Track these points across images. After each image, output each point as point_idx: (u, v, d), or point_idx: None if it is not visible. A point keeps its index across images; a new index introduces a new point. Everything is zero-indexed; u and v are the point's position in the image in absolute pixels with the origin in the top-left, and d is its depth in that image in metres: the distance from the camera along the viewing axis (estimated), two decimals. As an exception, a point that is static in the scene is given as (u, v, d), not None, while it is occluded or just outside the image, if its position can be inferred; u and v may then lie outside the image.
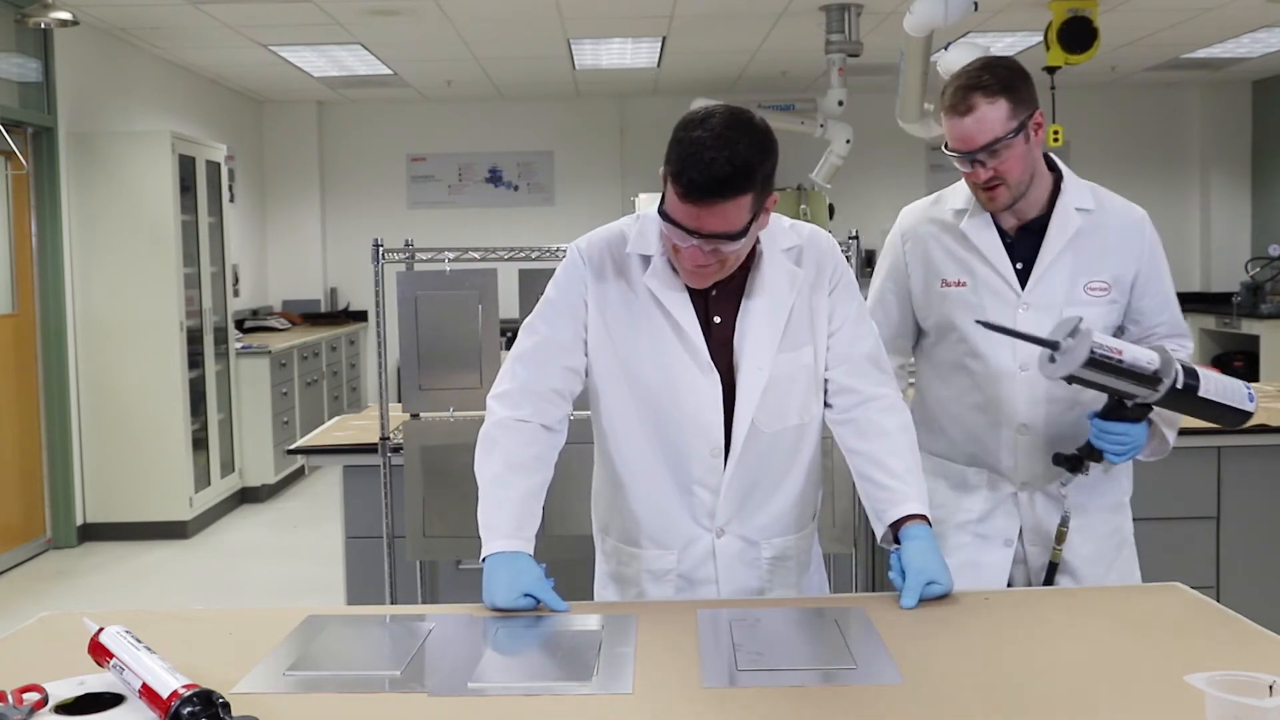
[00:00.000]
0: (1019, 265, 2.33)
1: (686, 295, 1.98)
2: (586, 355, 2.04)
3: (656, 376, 1.99)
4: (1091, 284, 2.33)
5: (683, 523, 2.05)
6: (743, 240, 1.85)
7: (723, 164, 1.77)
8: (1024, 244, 2.34)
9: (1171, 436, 2.36)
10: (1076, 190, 2.36)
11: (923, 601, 1.89)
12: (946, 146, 2.28)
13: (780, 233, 2.03)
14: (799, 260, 2.03)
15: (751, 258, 1.99)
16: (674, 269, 1.97)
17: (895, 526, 2.00)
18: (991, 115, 2.20)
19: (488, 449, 2.03)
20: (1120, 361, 2.08)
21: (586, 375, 2.06)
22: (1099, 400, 2.27)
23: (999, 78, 2.22)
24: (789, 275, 2.01)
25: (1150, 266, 2.39)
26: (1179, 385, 2.11)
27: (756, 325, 1.99)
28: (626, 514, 2.09)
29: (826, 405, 2.11)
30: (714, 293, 1.99)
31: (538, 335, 2.05)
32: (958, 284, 2.38)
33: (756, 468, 2.04)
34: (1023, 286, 2.32)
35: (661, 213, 1.86)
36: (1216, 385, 2.15)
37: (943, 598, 1.92)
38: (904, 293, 2.48)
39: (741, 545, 2.06)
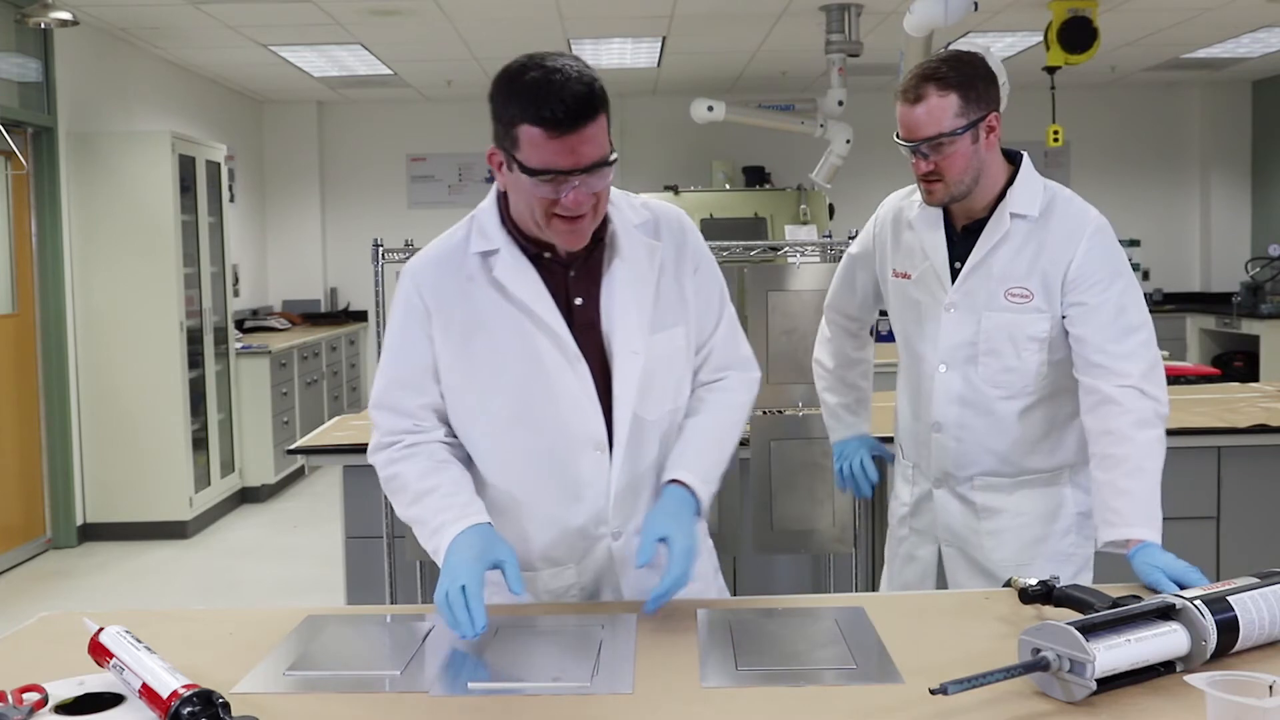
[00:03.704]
0: (958, 264, 2.30)
1: (541, 281, 1.87)
2: (440, 383, 1.92)
3: (524, 378, 1.88)
4: (1012, 290, 2.24)
5: (577, 532, 1.94)
6: (612, 171, 1.77)
7: (576, 83, 1.69)
8: (967, 243, 2.30)
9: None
10: (1025, 193, 2.25)
11: (922, 602, 1.88)
12: (898, 134, 2.24)
13: (630, 209, 1.95)
14: (655, 233, 1.95)
15: (604, 231, 1.89)
16: (526, 254, 1.87)
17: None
18: (939, 108, 2.15)
19: (395, 481, 1.93)
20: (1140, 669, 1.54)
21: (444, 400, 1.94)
22: (1011, 411, 2.27)
23: (957, 72, 2.16)
24: (647, 249, 1.92)
25: (1084, 279, 2.20)
26: (1211, 655, 1.57)
27: (623, 304, 1.88)
28: (517, 538, 1.92)
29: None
30: (572, 274, 1.89)
31: (388, 378, 1.96)
32: (903, 275, 2.39)
33: (644, 459, 1.94)
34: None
35: (528, 171, 1.72)
36: (1257, 618, 1.60)
37: (943, 599, 1.91)
38: (870, 273, 2.51)
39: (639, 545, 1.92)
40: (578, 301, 1.89)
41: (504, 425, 1.91)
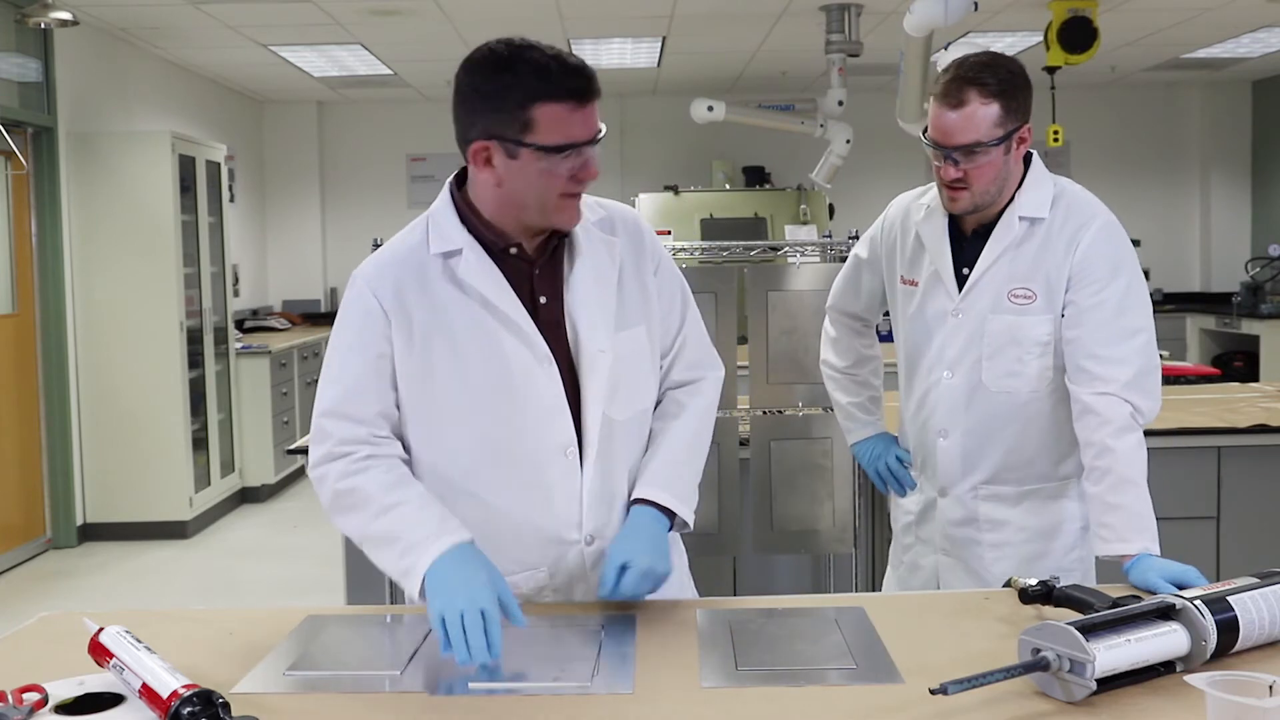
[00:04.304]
0: (966, 270, 2.27)
1: (505, 281, 1.82)
2: (398, 392, 1.85)
3: (490, 380, 1.82)
4: (1015, 291, 2.21)
5: (549, 537, 1.89)
6: None
7: (574, 57, 1.72)
8: (975, 248, 2.26)
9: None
10: (1034, 195, 2.22)
11: (922, 602, 1.88)
12: (925, 133, 2.20)
13: (585, 206, 1.89)
14: (611, 230, 1.92)
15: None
16: (490, 253, 1.82)
17: (637, 502, 1.91)
18: (980, 116, 2.11)
19: (353, 495, 1.81)
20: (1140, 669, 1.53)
21: (400, 411, 1.87)
22: (1017, 418, 2.24)
23: (1000, 80, 2.12)
24: (606, 245, 1.89)
25: (1083, 276, 2.17)
26: (1211, 655, 1.56)
27: (588, 301, 1.85)
28: (487, 543, 1.82)
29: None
30: (537, 271, 1.86)
31: (343, 386, 1.85)
32: (911, 283, 2.36)
33: (616, 462, 1.90)
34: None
35: (548, 150, 1.71)
36: (1257, 618, 1.60)
37: (942, 599, 1.91)
38: (877, 276, 2.49)
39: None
40: (542, 300, 1.85)
41: (470, 431, 1.85)
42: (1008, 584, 1.88)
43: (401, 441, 1.89)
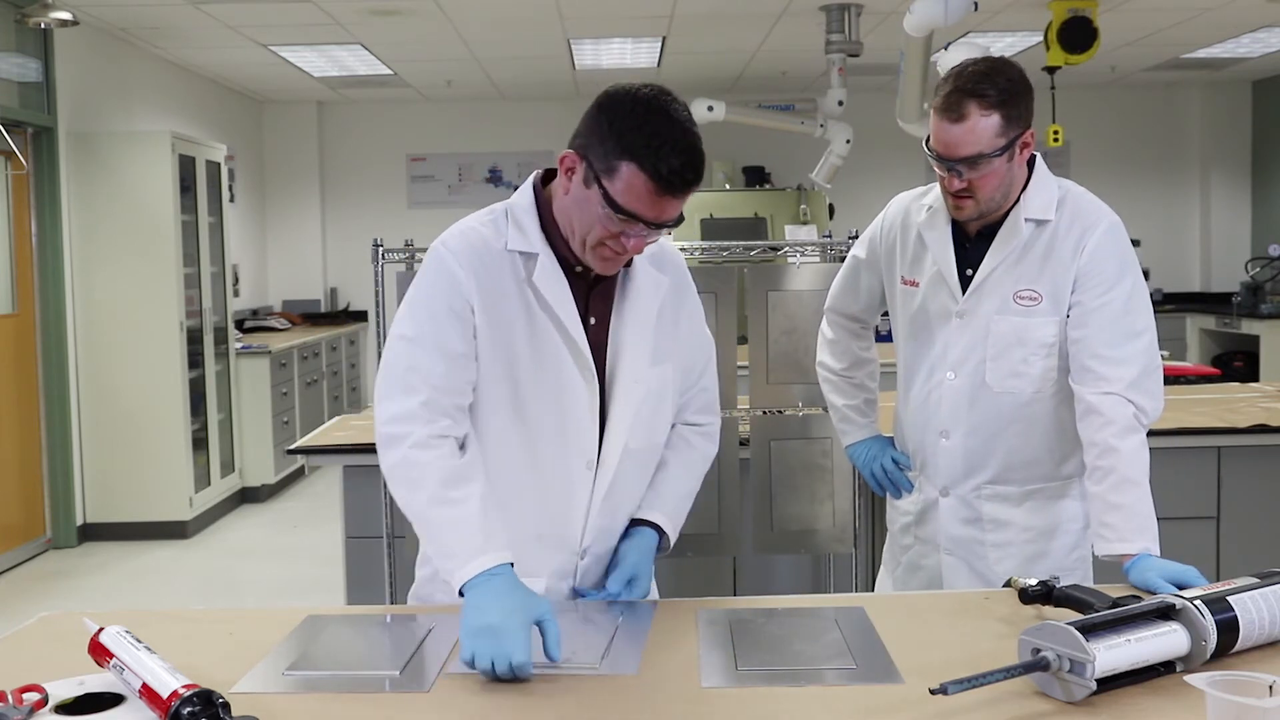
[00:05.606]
0: (969, 271, 2.27)
1: (570, 295, 1.87)
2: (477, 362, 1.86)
3: (542, 386, 1.86)
4: (1021, 293, 2.21)
5: (553, 545, 1.94)
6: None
7: (696, 152, 1.72)
8: (979, 250, 2.26)
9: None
10: (1039, 197, 2.22)
11: (922, 602, 1.88)
12: (928, 143, 2.21)
13: None
14: (661, 267, 1.96)
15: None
16: (564, 265, 1.86)
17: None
18: (981, 128, 2.10)
19: (409, 476, 1.79)
20: (1140, 669, 1.54)
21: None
22: (1020, 418, 2.24)
23: (1000, 90, 2.10)
24: (654, 281, 1.94)
25: (1089, 277, 2.18)
26: (1210, 655, 1.57)
27: (632, 331, 1.90)
28: None
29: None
30: (592, 293, 1.90)
31: (427, 345, 1.82)
32: (912, 283, 2.36)
33: (624, 487, 1.96)
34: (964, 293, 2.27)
35: (611, 204, 1.72)
36: (1257, 618, 1.61)
37: (943, 599, 1.91)
38: (876, 276, 2.48)
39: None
40: (591, 320, 1.89)
41: (507, 426, 1.88)
42: (1008, 584, 1.87)
43: None
